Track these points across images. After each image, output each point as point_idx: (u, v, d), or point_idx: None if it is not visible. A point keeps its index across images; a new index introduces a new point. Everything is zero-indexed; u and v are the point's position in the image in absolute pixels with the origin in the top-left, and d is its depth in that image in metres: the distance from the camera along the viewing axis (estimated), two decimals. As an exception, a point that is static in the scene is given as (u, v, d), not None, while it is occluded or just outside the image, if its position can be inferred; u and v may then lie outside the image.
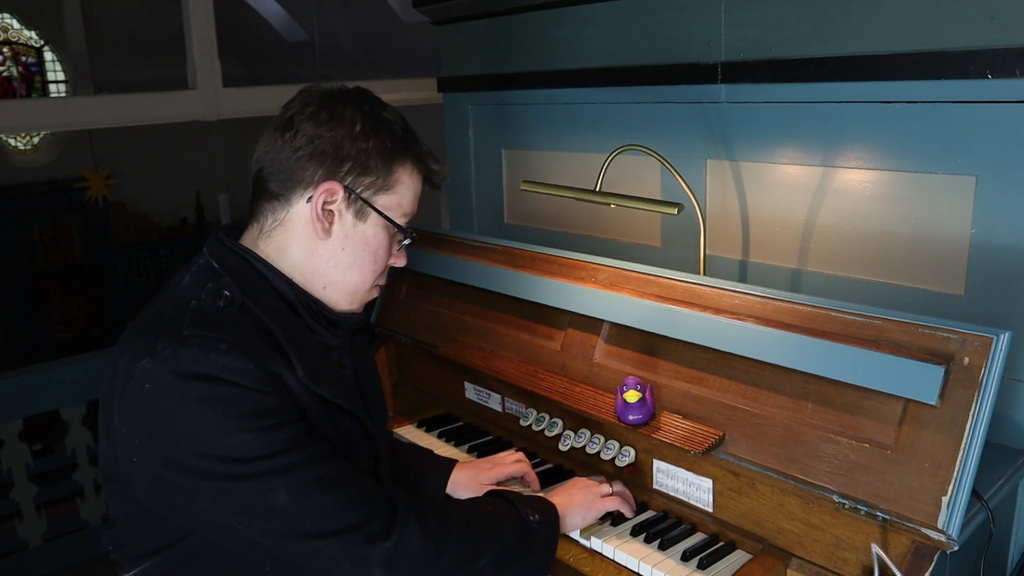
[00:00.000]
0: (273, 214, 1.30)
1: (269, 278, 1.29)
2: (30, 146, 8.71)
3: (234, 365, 1.14)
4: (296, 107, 1.29)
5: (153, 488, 1.19)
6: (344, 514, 1.20)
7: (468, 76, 2.81)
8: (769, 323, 1.49)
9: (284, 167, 1.27)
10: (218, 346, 1.15)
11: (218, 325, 1.18)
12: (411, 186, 1.35)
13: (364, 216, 1.31)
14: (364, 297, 1.39)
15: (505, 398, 2.00)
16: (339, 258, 1.31)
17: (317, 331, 1.33)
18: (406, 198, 1.34)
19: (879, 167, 1.82)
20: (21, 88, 8.62)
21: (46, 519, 3.58)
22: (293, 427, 1.19)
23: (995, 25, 1.58)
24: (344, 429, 1.32)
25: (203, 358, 1.14)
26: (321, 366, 1.28)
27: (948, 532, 1.24)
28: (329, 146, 1.26)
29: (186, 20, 4.05)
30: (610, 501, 1.58)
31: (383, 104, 1.34)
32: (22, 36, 8.71)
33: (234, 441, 1.14)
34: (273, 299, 1.28)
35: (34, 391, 3.50)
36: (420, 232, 2.30)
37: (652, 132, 2.25)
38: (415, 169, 1.35)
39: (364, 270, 1.34)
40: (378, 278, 1.38)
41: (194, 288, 1.24)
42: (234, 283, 1.25)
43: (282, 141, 1.27)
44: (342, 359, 1.40)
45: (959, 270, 1.72)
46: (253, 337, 1.20)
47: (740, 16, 1.99)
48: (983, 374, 1.25)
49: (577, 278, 1.85)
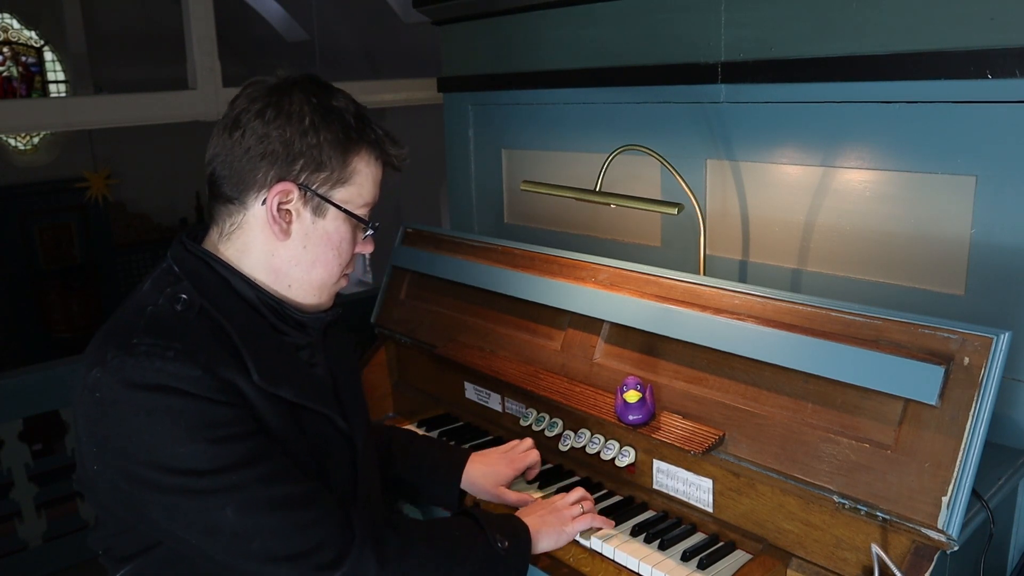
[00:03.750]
0: (230, 217, 1.26)
1: (230, 281, 1.26)
2: (30, 146, 8.71)
3: (181, 372, 1.11)
4: (242, 104, 1.23)
5: (114, 496, 1.17)
6: (294, 539, 1.16)
7: (468, 76, 2.81)
8: (769, 323, 1.49)
9: (235, 169, 1.22)
10: (165, 353, 1.11)
11: (170, 331, 1.15)
12: (369, 174, 1.30)
13: (323, 212, 1.26)
14: (332, 289, 1.35)
15: (505, 398, 2.00)
16: (301, 257, 1.28)
17: (284, 331, 1.30)
18: (365, 187, 1.29)
19: (879, 167, 1.82)
20: (21, 88, 8.62)
21: (46, 519, 3.57)
22: (246, 441, 1.15)
23: (995, 25, 1.58)
24: (315, 431, 1.28)
25: (149, 366, 1.10)
26: (282, 367, 1.24)
27: (948, 532, 1.24)
28: (279, 145, 1.21)
29: (186, 20, 4.05)
30: (580, 522, 1.55)
31: (333, 91, 1.28)
32: (22, 36, 8.71)
33: (182, 452, 1.10)
34: (233, 301, 1.25)
35: (34, 391, 3.49)
36: (420, 232, 2.31)
37: (652, 132, 2.25)
38: (372, 156, 1.30)
39: (329, 265, 1.30)
40: (345, 269, 1.34)
41: (152, 293, 1.22)
42: (193, 287, 1.22)
43: (231, 142, 1.22)
44: (313, 358, 1.36)
45: (959, 270, 1.72)
46: (207, 341, 1.16)
47: (740, 16, 1.99)
48: (983, 374, 1.25)
49: (577, 278, 1.85)
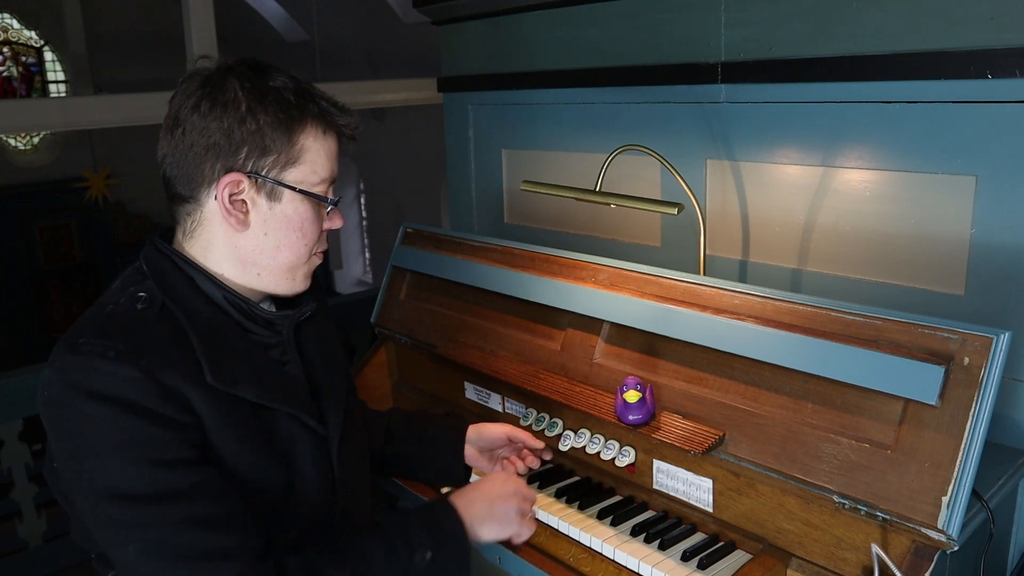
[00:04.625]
0: (189, 216, 1.25)
1: (195, 279, 1.24)
2: (30, 146, 8.72)
3: (119, 373, 1.09)
4: (179, 101, 1.21)
5: (70, 495, 1.18)
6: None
7: (468, 76, 2.81)
8: (769, 323, 1.49)
9: (184, 168, 1.21)
10: (106, 353, 1.09)
11: (118, 331, 1.13)
12: (320, 149, 1.25)
13: (278, 196, 1.23)
14: (305, 270, 1.31)
15: (505, 398, 2.00)
16: (264, 244, 1.24)
17: (252, 330, 1.27)
18: (318, 163, 1.24)
19: (879, 167, 1.82)
20: (21, 88, 8.63)
21: (46, 519, 3.57)
22: (173, 470, 1.11)
23: (995, 25, 1.58)
24: (283, 432, 1.25)
25: (89, 366, 1.09)
26: (244, 366, 1.21)
27: (948, 532, 1.24)
28: (220, 136, 1.18)
29: (186, 20, 4.05)
30: (527, 528, 1.45)
31: (268, 72, 1.23)
32: (22, 36, 8.71)
33: (107, 466, 1.08)
34: (197, 300, 1.22)
35: (34, 391, 3.46)
36: (420, 232, 2.31)
37: (652, 132, 2.25)
38: (318, 130, 1.24)
39: (294, 247, 1.26)
40: (315, 247, 1.29)
41: (117, 292, 1.21)
42: (156, 285, 1.20)
43: (174, 141, 1.20)
44: (284, 356, 1.32)
45: (959, 270, 1.72)
46: (159, 342, 1.14)
47: (740, 16, 2.00)
48: (983, 374, 1.25)
49: (577, 278, 1.85)
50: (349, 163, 9.53)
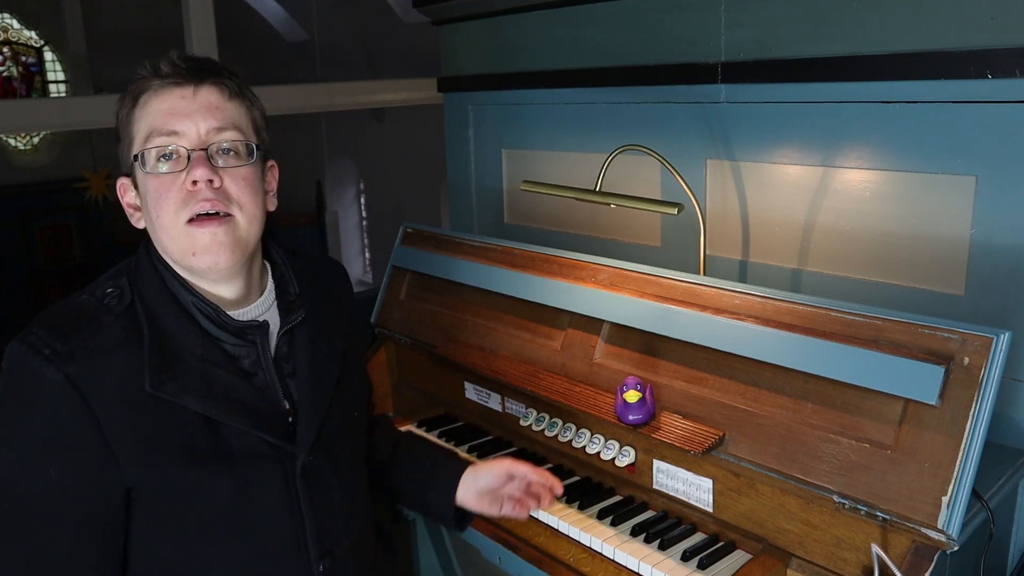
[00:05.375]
0: None
1: (165, 280, 1.22)
2: (30, 146, 8.72)
3: (44, 373, 1.08)
4: None
5: None
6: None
7: (468, 76, 2.81)
8: (769, 323, 1.49)
9: None
10: (42, 351, 1.10)
11: (69, 327, 1.13)
12: (142, 115, 1.19)
13: (139, 176, 1.21)
14: (191, 235, 1.18)
15: (505, 398, 2.00)
16: (149, 219, 1.22)
17: (221, 338, 1.22)
18: (142, 124, 1.19)
19: (879, 167, 1.82)
20: (21, 88, 8.63)
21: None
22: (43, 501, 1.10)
23: (995, 25, 1.58)
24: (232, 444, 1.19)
25: (22, 359, 1.10)
26: (195, 376, 1.17)
27: (948, 532, 1.24)
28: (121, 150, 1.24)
29: (186, 20, 4.06)
30: None
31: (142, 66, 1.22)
32: (22, 36, 8.72)
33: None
34: (162, 302, 1.20)
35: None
36: (420, 232, 2.32)
37: (652, 132, 2.25)
38: (142, 95, 1.19)
39: (161, 206, 1.18)
40: (185, 203, 1.17)
41: (98, 284, 1.22)
42: (130, 283, 1.21)
43: None
44: (256, 367, 1.24)
45: (959, 270, 1.72)
46: (107, 343, 1.13)
47: (740, 16, 2.00)
48: (983, 374, 1.25)
49: (577, 278, 1.85)
50: (349, 163, 9.54)
